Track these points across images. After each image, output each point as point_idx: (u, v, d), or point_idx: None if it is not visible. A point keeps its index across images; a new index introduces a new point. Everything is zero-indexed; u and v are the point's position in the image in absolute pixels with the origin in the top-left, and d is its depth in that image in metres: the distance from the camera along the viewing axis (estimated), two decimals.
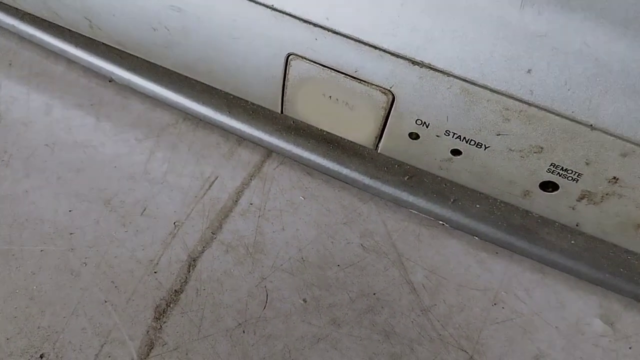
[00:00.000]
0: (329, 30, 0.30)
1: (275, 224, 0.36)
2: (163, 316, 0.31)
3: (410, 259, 0.35)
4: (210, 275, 0.33)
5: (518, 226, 0.36)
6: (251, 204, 0.37)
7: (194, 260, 0.34)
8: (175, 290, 0.32)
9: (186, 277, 0.33)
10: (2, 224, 0.34)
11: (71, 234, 0.34)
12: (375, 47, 0.29)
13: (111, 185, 0.36)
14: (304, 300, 0.33)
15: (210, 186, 0.37)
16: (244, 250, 0.34)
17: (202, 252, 0.34)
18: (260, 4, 0.30)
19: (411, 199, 0.37)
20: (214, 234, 0.35)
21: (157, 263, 0.33)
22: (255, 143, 0.39)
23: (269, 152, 0.40)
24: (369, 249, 0.35)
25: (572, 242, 0.35)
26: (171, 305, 0.32)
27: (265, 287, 0.33)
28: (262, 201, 0.37)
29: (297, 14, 0.30)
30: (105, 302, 0.31)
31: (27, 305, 0.31)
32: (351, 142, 0.37)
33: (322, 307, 0.32)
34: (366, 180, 0.37)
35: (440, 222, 0.37)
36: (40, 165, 0.37)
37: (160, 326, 0.31)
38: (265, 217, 0.36)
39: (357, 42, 0.30)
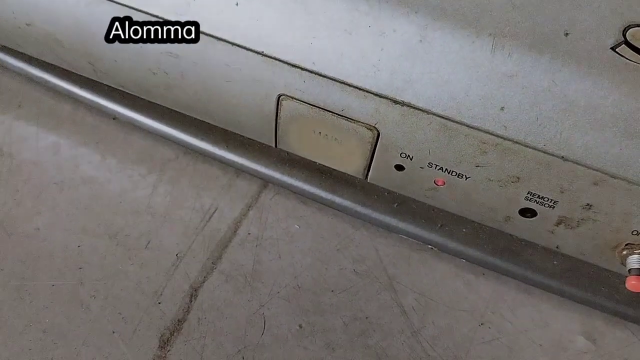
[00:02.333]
0: (315, 73, 0.32)
1: (272, 253, 0.38)
2: (167, 345, 0.33)
3: (400, 282, 0.37)
4: (211, 305, 0.35)
5: (503, 248, 0.38)
6: (249, 233, 0.39)
7: (195, 290, 0.36)
8: (179, 320, 0.34)
9: (188, 307, 0.35)
10: (15, 260, 0.36)
11: (80, 268, 0.36)
12: (359, 88, 0.31)
13: (117, 220, 0.39)
14: (300, 326, 0.35)
15: (210, 218, 0.39)
16: (242, 279, 0.36)
17: (203, 282, 0.36)
18: (251, 50, 0.33)
19: (401, 224, 0.39)
20: (214, 264, 0.37)
21: (161, 294, 0.35)
22: (252, 175, 0.41)
23: (266, 183, 0.42)
24: (361, 274, 0.37)
25: (555, 262, 0.37)
26: (175, 334, 0.34)
27: (263, 314, 0.35)
28: (259, 231, 0.39)
29: (286, 59, 0.32)
30: (113, 333, 0.34)
31: (40, 338, 0.33)
32: (343, 172, 0.39)
33: (317, 332, 0.34)
34: (358, 207, 0.39)
35: (429, 246, 0.39)
36: (50, 203, 0.39)
37: (165, 355, 0.33)
38: (262, 246, 0.38)
39: (342, 84, 0.32)
